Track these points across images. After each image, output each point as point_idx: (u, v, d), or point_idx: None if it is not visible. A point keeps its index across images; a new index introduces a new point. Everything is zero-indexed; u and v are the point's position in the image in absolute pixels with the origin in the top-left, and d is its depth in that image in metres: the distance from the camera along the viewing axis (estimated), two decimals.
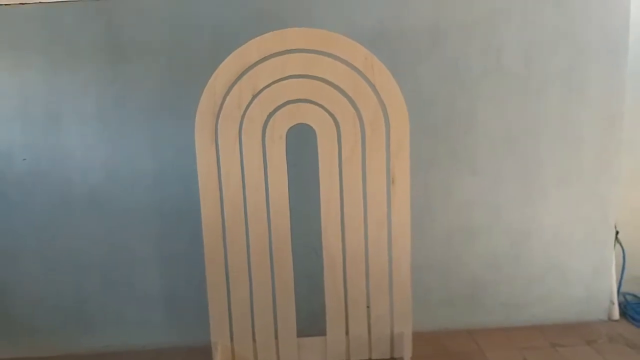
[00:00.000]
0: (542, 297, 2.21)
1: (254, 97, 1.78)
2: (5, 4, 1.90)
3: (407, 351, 1.91)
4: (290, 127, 1.81)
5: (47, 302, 2.07)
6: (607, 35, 2.06)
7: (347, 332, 1.95)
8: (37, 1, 1.90)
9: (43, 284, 2.06)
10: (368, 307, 1.94)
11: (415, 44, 2.01)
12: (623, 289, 2.30)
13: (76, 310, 2.08)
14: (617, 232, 2.22)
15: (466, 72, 2.04)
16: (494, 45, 2.03)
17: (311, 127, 1.82)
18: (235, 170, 1.82)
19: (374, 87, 1.79)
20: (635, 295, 2.34)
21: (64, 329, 2.09)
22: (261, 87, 1.78)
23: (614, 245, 2.22)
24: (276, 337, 1.94)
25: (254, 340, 1.93)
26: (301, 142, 1.86)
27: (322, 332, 1.95)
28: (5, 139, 1.96)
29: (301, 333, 1.94)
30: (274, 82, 1.78)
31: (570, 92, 2.08)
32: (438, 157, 2.09)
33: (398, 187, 1.85)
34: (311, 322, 1.98)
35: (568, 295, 2.22)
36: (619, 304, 2.26)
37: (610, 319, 2.23)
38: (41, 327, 2.08)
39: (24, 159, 1.97)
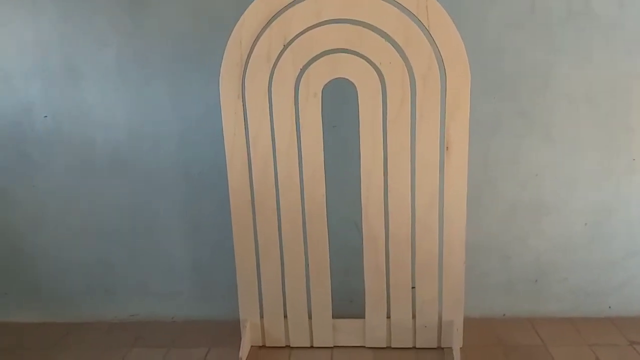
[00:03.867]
0: (621, 286, 1.90)
1: (285, 47, 1.54)
2: None
3: (456, 342, 1.68)
4: (327, 83, 1.56)
5: (72, 268, 1.98)
6: None
7: (388, 316, 1.74)
8: None
9: (68, 249, 1.96)
10: (413, 287, 1.71)
11: None
12: None
13: (101, 277, 1.98)
14: None
15: (544, 16, 1.69)
16: None
17: (351, 83, 1.56)
18: (264, 133, 1.61)
19: (429, 34, 1.50)
20: None
21: (90, 295, 2.00)
22: (293, 35, 1.53)
23: None
24: (310, 317, 1.76)
25: (285, 318, 1.77)
26: (342, 100, 1.62)
27: (360, 315, 1.75)
28: (25, 94, 1.83)
29: (338, 314, 1.76)
30: (308, 29, 1.52)
31: None
32: (503, 120, 1.78)
33: (454, 154, 1.57)
34: (350, 302, 1.81)
35: None
36: None
37: None
38: (67, 293, 2.00)
39: (45, 116, 1.84)
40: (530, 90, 1.75)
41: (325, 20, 1.51)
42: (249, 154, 1.64)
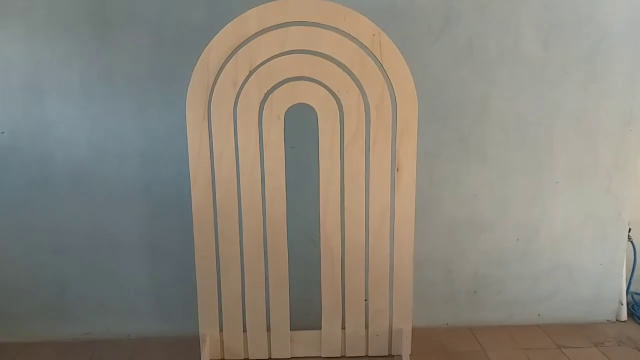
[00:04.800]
0: (548, 296, 2.11)
1: (251, 73, 1.65)
2: None
3: (406, 349, 1.80)
4: (290, 107, 1.68)
5: (25, 285, 1.94)
6: (633, 21, 1.91)
7: (343, 327, 1.84)
8: None
9: (20, 266, 1.93)
10: (366, 300, 1.83)
11: (427, 23, 1.86)
12: (632, 288, 2.20)
13: (55, 295, 1.96)
14: (629, 230, 2.11)
15: (481, 54, 1.90)
16: (512, 27, 1.89)
17: (312, 108, 1.69)
18: (228, 153, 1.69)
19: (382, 67, 1.66)
20: None
21: (42, 314, 1.97)
22: (259, 62, 1.64)
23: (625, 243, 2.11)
24: (268, 330, 1.83)
25: (244, 332, 1.83)
26: (301, 123, 1.72)
27: (317, 326, 1.84)
28: None
29: (295, 326, 1.84)
30: (273, 57, 1.64)
31: (589, 81, 1.95)
32: (445, 146, 1.96)
33: (403, 175, 1.73)
34: (306, 315, 1.88)
35: (575, 294, 2.11)
36: (627, 304, 2.16)
37: (618, 320, 2.14)
38: (17, 311, 1.96)
39: (2, 132, 1.83)
40: (469, 119, 1.95)
41: (289, 50, 1.64)
42: (212, 173, 1.71)
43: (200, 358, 1.76)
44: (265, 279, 1.79)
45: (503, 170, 2.00)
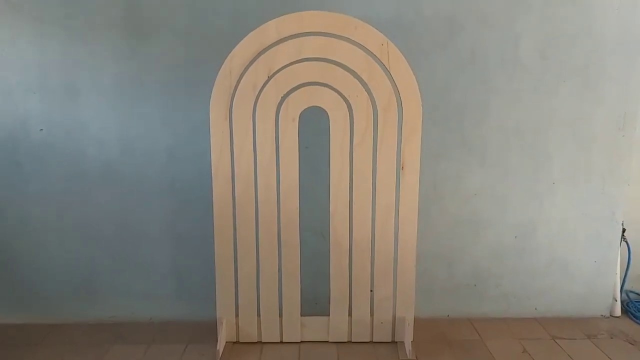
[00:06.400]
0: (545, 291, 2.23)
1: (270, 78, 1.80)
2: None
3: (408, 336, 1.94)
4: (304, 110, 1.83)
5: (57, 271, 2.11)
6: (625, 33, 2.04)
7: (350, 314, 1.98)
8: None
9: (53, 254, 2.09)
10: (372, 290, 1.97)
11: (432, 33, 2.00)
12: (627, 286, 2.31)
13: (85, 281, 2.12)
14: (623, 230, 2.22)
15: (482, 63, 2.03)
16: (511, 38, 2.02)
17: (324, 110, 1.84)
18: (247, 151, 1.84)
19: (389, 74, 1.80)
20: (638, 294, 2.35)
21: (71, 298, 2.13)
22: (277, 69, 1.79)
23: (620, 242, 2.22)
24: (280, 315, 1.97)
25: (258, 316, 1.97)
26: (314, 125, 1.87)
27: (325, 313, 1.98)
28: (23, 108, 1.99)
29: (305, 313, 1.98)
30: (289, 64, 1.79)
31: (584, 89, 2.08)
32: (448, 148, 2.10)
33: (407, 173, 1.86)
34: (316, 304, 2.02)
35: (570, 290, 2.23)
36: (622, 301, 2.27)
37: (612, 315, 2.25)
38: (49, 295, 2.12)
39: (41, 130, 2.00)
40: (470, 123, 2.08)
41: (305, 58, 1.79)
42: (232, 169, 1.86)
43: (217, 340, 1.91)
44: (279, 268, 1.93)
45: (502, 171, 2.13)
